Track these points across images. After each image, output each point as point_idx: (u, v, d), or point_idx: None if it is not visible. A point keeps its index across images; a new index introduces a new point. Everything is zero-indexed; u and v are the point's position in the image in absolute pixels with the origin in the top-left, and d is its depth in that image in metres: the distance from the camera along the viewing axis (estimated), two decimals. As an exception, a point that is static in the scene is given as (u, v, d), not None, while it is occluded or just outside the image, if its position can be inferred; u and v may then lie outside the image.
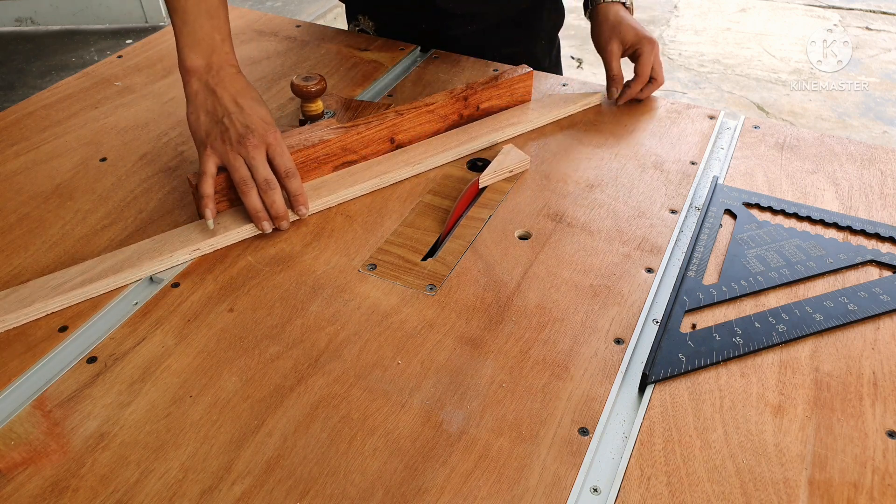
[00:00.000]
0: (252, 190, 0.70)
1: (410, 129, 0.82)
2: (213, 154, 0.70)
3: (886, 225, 0.73)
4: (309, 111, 0.83)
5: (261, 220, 0.70)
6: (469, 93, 0.84)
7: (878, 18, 3.28)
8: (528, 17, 1.06)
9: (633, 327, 0.62)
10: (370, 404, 0.55)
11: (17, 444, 0.53)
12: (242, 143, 0.69)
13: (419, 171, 0.80)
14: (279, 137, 0.71)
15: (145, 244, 0.69)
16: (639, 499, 0.49)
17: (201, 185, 0.69)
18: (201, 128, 0.71)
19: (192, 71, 0.73)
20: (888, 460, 0.52)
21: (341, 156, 0.78)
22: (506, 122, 0.86)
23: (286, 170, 0.71)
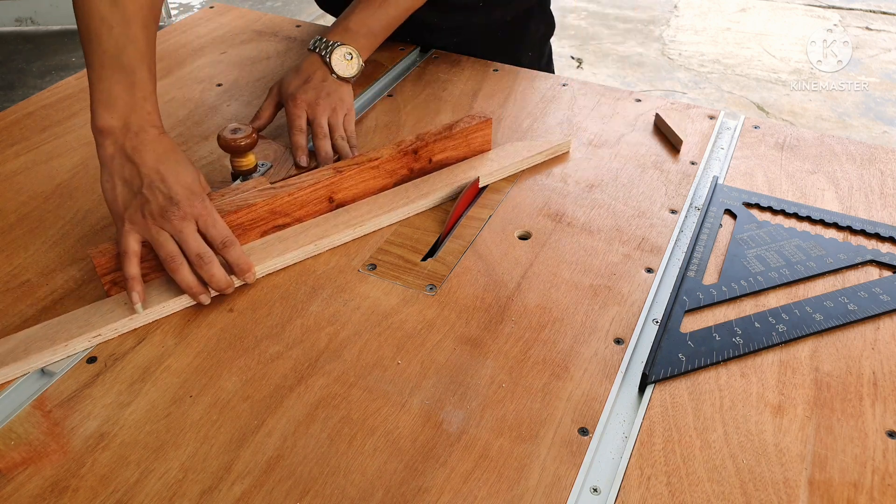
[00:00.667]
0: (182, 266, 0.62)
1: (352, 186, 0.73)
2: (134, 229, 0.62)
3: (886, 225, 0.73)
4: (239, 166, 0.75)
5: (197, 294, 0.62)
6: (419, 145, 0.75)
7: (878, 18, 3.28)
8: (513, 30, 1.04)
9: (633, 327, 0.62)
10: (370, 404, 0.55)
11: (17, 444, 0.53)
12: (166, 216, 0.61)
13: (363, 234, 0.71)
14: (208, 206, 0.64)
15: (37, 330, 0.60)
16: (639, 499, 0.49)
17: (125, 266, 0.61)
18: (118, 199, 0.63)
19: (106, 132, 0.64)
20: (888, 460, 0.52)
21: (270, 220, 0.69)
22: (462, 175, 0.77)
23: (222, 240, 0.63)
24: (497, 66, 1.00)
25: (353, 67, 0.83)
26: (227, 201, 0.67)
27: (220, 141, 0.72)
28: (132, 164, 0.63)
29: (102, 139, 0.65)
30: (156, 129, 0.66)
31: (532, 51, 1.08)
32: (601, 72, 2.89)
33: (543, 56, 1.11)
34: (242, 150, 0.73)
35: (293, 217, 0.70)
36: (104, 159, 0.64)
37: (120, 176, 0.64)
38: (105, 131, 0.64)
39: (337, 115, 0.82)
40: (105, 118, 0.64)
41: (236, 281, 0.65)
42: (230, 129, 0.73)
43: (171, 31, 1.12)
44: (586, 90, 0.96)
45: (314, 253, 0.69)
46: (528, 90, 0.96)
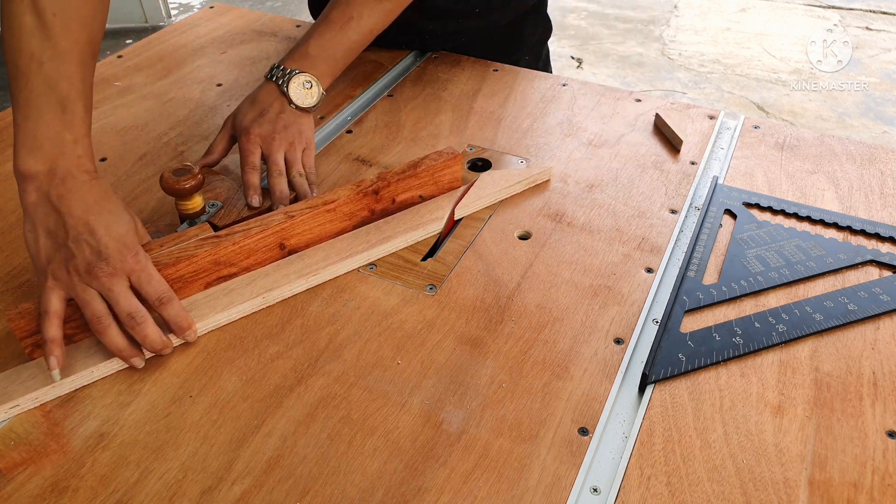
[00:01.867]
0: (109, 328, 0.56)
1: (305, 231, 0.67)
2: (58, 286, 0.56)
3: (886, 225, 0.73)
4: (185, 210, 0.69)
5: (129, 357, 0.57)
6: (381, 185, 0.69)
7: (878, 18, 3.28)
8: (509, 34, 1.04)
9: (633, 327, 0.62)
10: (370, 404, 0.55)
11: (17, 444, 0.53)
12: (93, 272, 0.56)
13: (317, 283, 0.66)
14: (142, 260, 0.58)
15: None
16: (639, 499, 0.49)
17: (44, 327, 0.55)
18: (41, 252, 0.57)
19: (30, 177, 0.58)
20: (888, 460, 0.52)
21: (214, 271, 0.63)
22: (429, 215, 0.71)
23: (158, 296, 0.58)
24: (497, 66, 1.00)
25: (312, 97, 0.77)
26: (166, 252, 0.61)
27: (162, 183, 0.66)
28: (57, 214, 0.58)
29: (25, 185, 0.59)
30: (87, 174, 0.60)
31: (529, 54, 1.08)
32: (601, 72, 2.89)
33: (540, 59, 1.11)
34: (187, 193, 0.67)
35: (240, 267, 0.65)
36: (27, 207, 0.59)
37: (44, 226, 0.58)
38: (28, 176, 0.59)
39: (295, 149, 0.75)
40: (28, 162, 0.58)
41: (175, 340, 0.59)
42: (174, 170, 0.67)
43: (171, 31, 1.12)
44: (586, 90, 0.96)
45: (262, 306, 0.63)
46: (528, 90, 0.96)
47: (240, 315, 0.63)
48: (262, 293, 0.63)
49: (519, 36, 1.05)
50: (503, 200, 0.76)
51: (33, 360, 0.58)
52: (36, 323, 0.57)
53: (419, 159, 0.73)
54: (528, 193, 0.77)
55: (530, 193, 0.77)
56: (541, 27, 1.08)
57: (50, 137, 0.59)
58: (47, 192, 0.58)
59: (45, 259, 0.57)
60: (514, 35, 1.04)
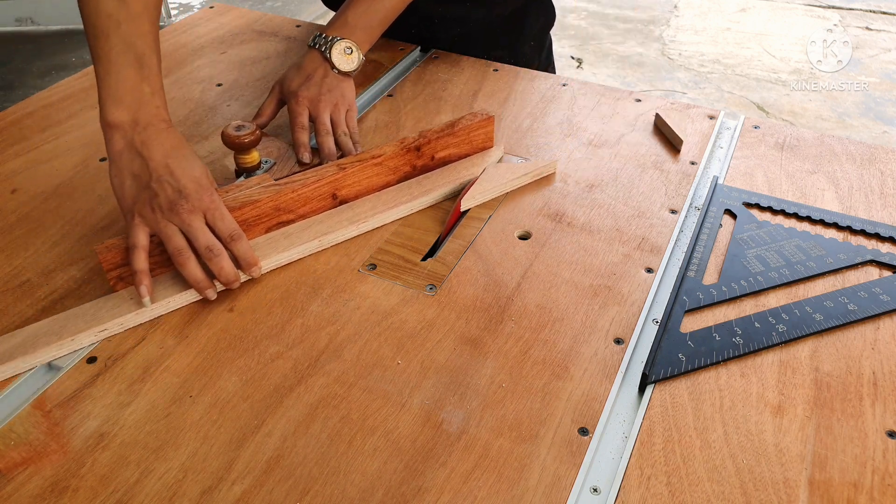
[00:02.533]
0: (189, 260, 0.62)
1: (356, 183, 0.73)
2: (143, 223, 0.63)
3: (886, 225, 0.73)
4: (243, 163, 0.76)
5: (204, 289, 0.63)
6: (422, 142, 0.76)
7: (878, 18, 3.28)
8: (514, 20, 1.05)
9: (633, 327, 0.62)
10: (370, 404, 0.55)
11: (17, 444, 0.53)
12: (174, 209, 0.62)
13: (367, 230, 0.72)
14: (217, 199, 0.64)
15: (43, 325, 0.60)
16: (639, 499, 0.49)
17: (133, 260, 0.62)
18: (127, 194, 0.64)
19: (116, 126, 0.65)
20: (888, 460, 0.52)
21: (274, 216, 0.69)
22: (464, 172, 0.78)
23: (230, 233, 0.64)
24: (497, 66, 1.00)
25: (353, 62, 0.83)
26: (232, 197, 0.68)
27: (224, 138, 0.73)
28: (141, 159, 0.64)
29: (112, 134, 0.65)
30: (164, 123, 0.66)
31: (533, 41, 1.09)
32: (601, 72, 2.89)
33: (544, 47, 1.12)
34: (246, 147, 0.74)
35: (297, 214, 0.71)
36: (113, 154, 0.65)
37: (129, 170, 0.64)
38: (114, 126, 0.65)
39: (339, 111, 0.82)
40: (114, 113, 0.65)
41: (242, 276, 0.65)
42: (234, 126, 0.73)
43: (171, 31, 1.12)
44: (586, 90, 0.96)
45: (318, 249, 0.69)
46: (528, 90, 0.96)
47: (298, 256, 0.68)
48: (317, 237, 0.69)
49: (524, 23, 1.06)
50: (503, 200, 0.76)
51: (116, 292, 0.64)
52: (119, 257, 0.63)
53: (456, 119, 0.79)
54: (528, 193, 0.77)
55: (530, 193, 0.77)
56: (543, 16, 1.09)
57: (131, 90, 0.65)
58: (132, 139, 0.64)
59: (132, 200, 0.63)
60: (519, 22, 1.06)
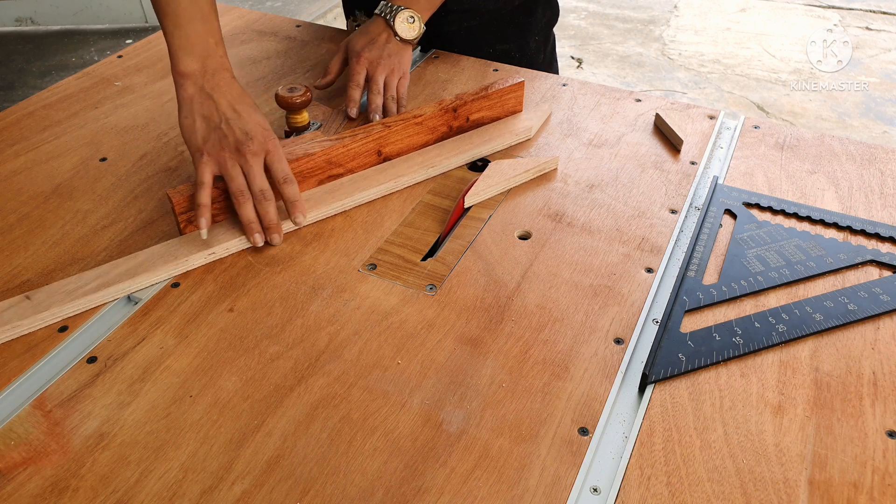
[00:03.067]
0: (248, 201, 0.68)
1: (398, 141, 0.79)
2: (211, 161, 0.68)
3: (886, 225, 0.73)
4: (294, 123, 0.82)
5: (253, 231, 0.68)
6: (458, 104, 0.82)
7: (878, 18, 3.28)
8: (521, 13, 1.06)
9: (633, 327, 0.62)
10: (370, 404, 0.55)
11: (17, 444, 0.53)
12: (241, 150, 0.68)
13: (410, 184, 0.78)
14: (277, 144, 0.70)
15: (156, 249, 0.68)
16: (639, 499, 0.49)
17: (198, 195, 0.67)
18: (197, 133, 0.69)
19: (188, 75, 0.71)
20: (888, 460, 0.52)
21: (326, 169, 0.76)
22: (496, 134, 0.84)
23: (284, 176, 0.70)
24: (497, 66, 1.00)
25: (414, 30, 0.89)
26: (289, 150, 0.73)
27: (277, 99, 0.79)
28: (212, 101, 0.70)
29: (183, 80, 0.71)
30: (228, 72, 0.73)
31: (539, 35, 1.10)
32: (601, 72, 2.89)
33: (549, 41, 1.13)
34: (297, 108, 0.80)
35: (346, 168, 0.77)
36: (184, 99, 0.71)
37: (200, 113, 0.70)
38: (186, 74, 0.71)
39: (394, 75, 0.88)
40: (186, 62, 0.71)
41: (286, 226, 0.70)
42: (287, 87, 0.79)
43: (171, 31, 1.12)
44: (586, 90, 0.96)
45: (368, 200, 0.76)
46: (528, 90, 0.96)
47: (353, 205, 0.75)
48: (366, 189, 0.75)
49: (530, 17, 1.07)
50: (503, 200, 0.76)
51: (185, 234, 0.70)
52: (189, 202, 0.68)
53: (489, 83, 0.86)
54: (528, 193, 0.77)
55: (530, 193, 0.77)
56: (549, 10, 1.10)
57: (199, 42, 0.72)
58: (202, 85, 0.71)
59: (202, 139, 0.69)
60: (525, 16, 1.07)
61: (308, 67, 1.01)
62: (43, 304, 0.62)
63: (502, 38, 1.06)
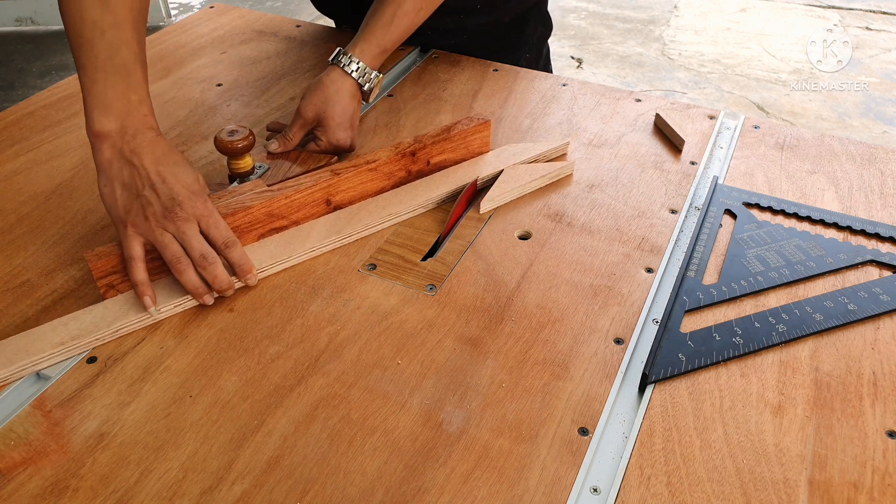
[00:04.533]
0: (188, 267, 0.62)
1: (350, 189, 0.73)
2: (137, 233, 0.62)
3: (886, 225, 0.73)
4: (237, 168, 0.75)
5: (201, 295, 0.63)
6: (417, 147, 0.75)
7: (878, 18, 3.28)
8: (510, 31, 1.04)
9: (633, 327, 0.62)
10: (370, 404, 0.55)
11: (17, 444, 0.53)
12: (169, 217, 0.61)
13: (360, 237, 0.71)
14: (210, 206, 0.64)
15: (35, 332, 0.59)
16: (639, 499, 0.49)
17: (132, 273, 0.61)
18: (118, 203, 0.62)
19: (104, 136, 0.64)
20: (888, 460, 0.52)
21: (267, 222, 0.69)
22: (461, 177, 0.77)
23: (224, 241, 0.63)
24: (497, 66, 1.00)
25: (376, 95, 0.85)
26: (224, 203, 0.67)
27: (216, 143, 0.72)
28: (131, 167, 0.63)
29: (99, 144, 0.64)
30: (152, 130, 0.66)
31: (529, 52, 1.08)
32: (601, 72, 2.89)
33: (541, 57, 1.11)
34: (239, 153, 0.73)
35: (290, 220, 0.70)
36: (101, 164, 0.64)
37: (119, 180, 0.63)
38: (102, 136, 0.64)
39: None
40: (102, 122, 0.64)
41: (237, 283, 0.65)
42: (227, 130, 0.72)
43: (171, 31, 1.12)
44: (586, 90, 0.96)
45: (311, 255, 0.69)
46: (528, 90, 0.96)
47: (291, 263, 0.68)
48: (311, 243, 0.69)
49: (520, 34, 1.05)
50: (503, 202, 0.76)
51: (106, 299, 0.63)
52: (110, 264, 0.62)
53: (452, 124, 0.79)
54: (528, 193, 0.77)
55: (531, 193, 0.77)
56: (541, 25, 1.08)
57: (118, 99, 0.64)
58: (120, 148, 0.63)
59: (124, 209, 0.62)
60: (515, 33, 1.04)
61: (308, 67, 1.01)
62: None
63: (490, 57, 1.03)
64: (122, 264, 0.63)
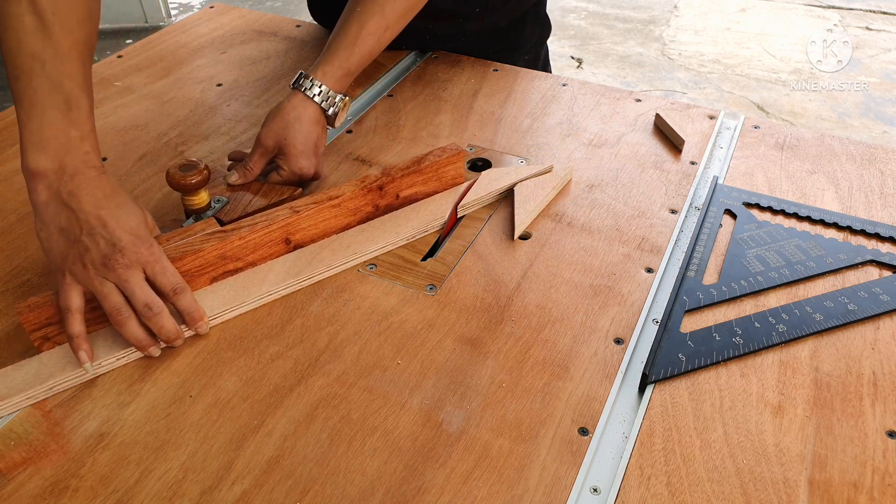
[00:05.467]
0: (129, 319, 0.57)
1: (311, 227, 0.68)
2: (75, 282, 0.57)
3: (886, 225, 0.73)
4: (191, 205, 0.69)
5: (146, 347, 0.58)
6: (385, 181, 0.70)
7: (878, 18, 3.28)
8: (508, 34, 1.04)
9: (633, 327, 0.62)
10: (370, 404, 0.55)
11: (17, 444, 0.53)
12: (109, 265, 0.56)
13: (322, 278, 0.66)
14: (156, 251, 0.59)
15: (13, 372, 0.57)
16: (639, 499, 0.49)
17: (68, 325, 0.56)
18: (55, 249, 0.58)
19: (39, 176, 0.58)
20: (888, 460, 0.52)
21: (220, 265, 0.64)
22: (434, 210, 0.73)
23: (172, 287, 0.59)
24: (497, 66, 1.00)
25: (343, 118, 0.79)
26: (173, 246, 0.62)
27: (168, 179, 0.66)
28: (69, 210, 0.58)
29: (35, 184, 0.59)
30: (94, 170, 0.60)
31: (528, 54, 1.08)
32: (601, 72, 2.89)
33: (539, 59, 1.11)
34: (193, 189, 0.67)
35: (246, 261, 0.65)
36: (37, 206, 0.59)
37: (55, 224, 0.58)
38: (37, 175, 0.59)
39: None
40: (37, 160, 0.59)
41: (187, 331, 0.60)
42: (181, 165, 0.67)
43: (171, 31, 1.12)
44: (586, 90, 0.96)
45: (269, 299, 0.64)
46: (528, 90, 0.96)
47: (247, 308, 0.63)
48: (268, 287, 0.64)
49: (518, 37, 1.05)
50: (503, 201, 0.76)
51: (41, 352, 0.59)
52: (46, 315, 0.58)
53: (423, 155, 0.74)
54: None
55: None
56: (539, 28, 1.08)
57: (57, 135, 0.59)
58: (57, 189, 0.59)
59: (60, 256, 0.58)
60: (513, 36, 1.04)
61: (308, 67, 1.01)
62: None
63: (489, 58, 1.03)
64: (57, 315, 0.58)
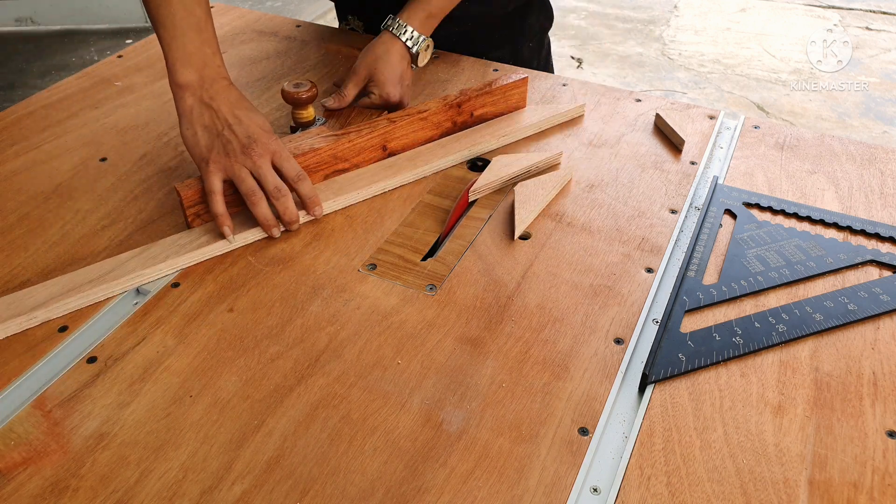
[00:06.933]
0: (262, 200, 0.69)
1: (403, 136, 0.81)
2: (217, 169, 0.69)
3: (886, 225, 0.73)
4: (300, 118, 0.82)
5: (271, 227, 0.70)
6: (462, 99, 0.83)
7: (878, 18, 3.28)
8: (513, 20, 1.05)
9: (633, 327, 0.62)
10: (370, 404, 0.55)
11: (17, 444, 0.53)
12: (247, 153, 0.69)
13: (414, 179, 0.79)
14: (281, 144, 0.71)
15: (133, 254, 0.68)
16: (639, 499, 0.49)
17: (212, 205, 0.68)
18: (200, 143, 0.70)
19: (186, 86, 0.71)
20: (888, 460, 0.52)
21: (332, 164, 0.77)
22: (501, 129, 0.85)
23: (296, 174, 0.71)
24: (497, 66, 1.00)
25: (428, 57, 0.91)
26: (294, 145, 0.75)
27: (283, 94, 0.80)
28: (211, 111, 0.71)
29: (182, 93, 0.71)
30: (225, 80, 0.73)
31: (532, 41, 1.09)
32: (601, 72, 2.89)
33: (543, 47, 1.12)
34: (303, 103, 0.80)
35: (352, 163, 0.78)
36: (183, 111, 0.71)
37: (200, 123, 0.70)
38: (184, 86, 0.71)
39: None
40: (184, 74, 0.71)
41: (303, 218, 0.72)
42: (293, 83, 0.80)
43: (171, 31, 1.12)
44: (586, 90, 0.96)
45: (372, 195, 0.76)
46: (528, 90, 0.96)
47: (355, 200, 0.76)
48: (372, 183, 0.76)
49: (523, 23, 1.06)
50: (503, 200, 0.76)
51: (193, 227, 0.71)
52: (198, 195, 0.70)
53: (493, 79, 0.88)
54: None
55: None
56: (543, 15, 1.09)
57: (195, 52, 0.72)
58: (200, 96, 0.71)
59: (206, 148, 0.70)
60: (518, 22, 1.06)
61: (308, 67, 1.01)
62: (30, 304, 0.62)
63: (494, 46, 1.05)
64: (202, 197, 0.70)
